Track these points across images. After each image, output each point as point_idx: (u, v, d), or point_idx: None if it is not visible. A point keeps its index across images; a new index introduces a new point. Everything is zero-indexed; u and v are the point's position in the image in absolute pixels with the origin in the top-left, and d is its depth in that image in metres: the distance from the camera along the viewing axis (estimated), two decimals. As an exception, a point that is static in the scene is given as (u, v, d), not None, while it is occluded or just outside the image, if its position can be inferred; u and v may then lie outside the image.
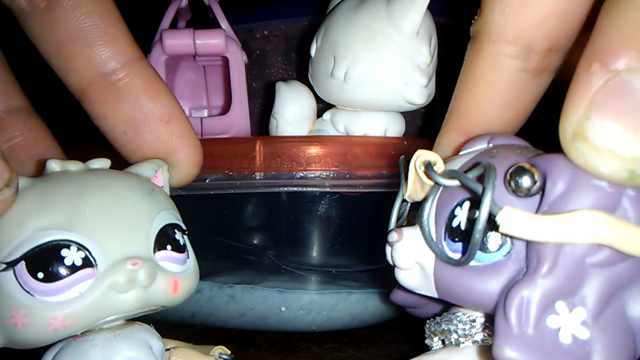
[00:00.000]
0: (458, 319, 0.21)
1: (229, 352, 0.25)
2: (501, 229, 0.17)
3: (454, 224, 0.19)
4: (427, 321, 0.22)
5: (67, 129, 0.28)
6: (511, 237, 0.18)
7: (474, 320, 0.20)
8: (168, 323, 0.36)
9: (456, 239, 0.19)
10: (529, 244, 0.17)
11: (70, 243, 0.19)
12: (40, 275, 0.19)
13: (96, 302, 0.19)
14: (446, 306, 0.22)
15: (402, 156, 0.22)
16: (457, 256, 0.19)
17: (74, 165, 0.21)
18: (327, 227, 0.36)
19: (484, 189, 0.17)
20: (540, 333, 0.17)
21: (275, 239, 0.38)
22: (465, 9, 0.23)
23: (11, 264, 0.19)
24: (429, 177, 0.19)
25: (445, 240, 0.19)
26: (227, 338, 0.36)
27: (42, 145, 0.25)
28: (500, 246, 0.18)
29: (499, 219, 0.17)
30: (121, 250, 0.20)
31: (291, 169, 0.30)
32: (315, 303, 0.35)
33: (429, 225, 0.20)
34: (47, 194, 0.20)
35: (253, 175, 0.30)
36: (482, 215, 0.17)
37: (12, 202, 0.19)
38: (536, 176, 0.17)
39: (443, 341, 0.21)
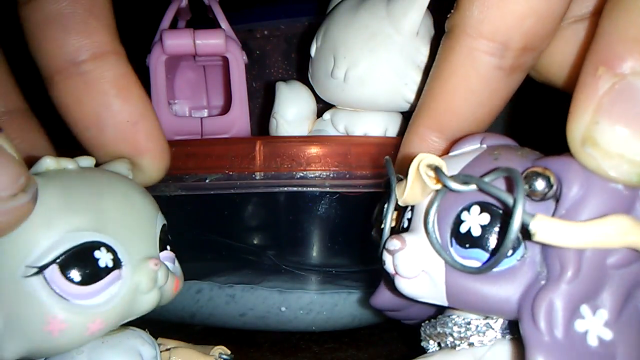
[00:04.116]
0: (453, 321, 0.20)
1: (229, 352, 0.25)
2: (536, 238, 0.17)
3: (462, 229, 0.19)
4: (423, 324, 0.22)
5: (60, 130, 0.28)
6: (537, 242, 0.17)
7: (469, 323, 0.20)
8: (168, 323, 0.36)
9: (467, 245, 0.19)
10: (545, 248, 0.17)
11: (101, 244, 0.19)
12: (77, 278, 0.18)
13: (124, 303, 0.19)
14: (439, 309, 0.22)
15: (387, 157, 0.22)
16: (470, 263, 0.18)
17: (70, 163, 0.21)
18: (327, 227, 0.36)
19: (515, 199, 0.17)
20: (570, 338, 0.17)
21: (275, 239, 0.38)
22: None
23: (42, 268, 0.18)
24: (439, 181, 0.19)
25: (452, 246, 0.19)
26: (227, 338, 0.36)
27: (38, 147, 0.25)
28: (514, 251, 0.18)
29: (532, 227, 0.16)
30: (141, 250, 0.20)
31: (291, 169, 0.30)
32: (315, 303, 0.35)
33: (435, 232, 0.19)
34: (69, 193, 0.19)
35: (253, 175, 0.30)
36: (515, 225, 0.17)
37: (30, 210, 0.18)
38: (552, 180, 0.17)
39: (439, 343, 0.21)
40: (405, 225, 0.21)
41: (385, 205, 0.21)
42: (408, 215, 0.21)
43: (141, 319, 0.21)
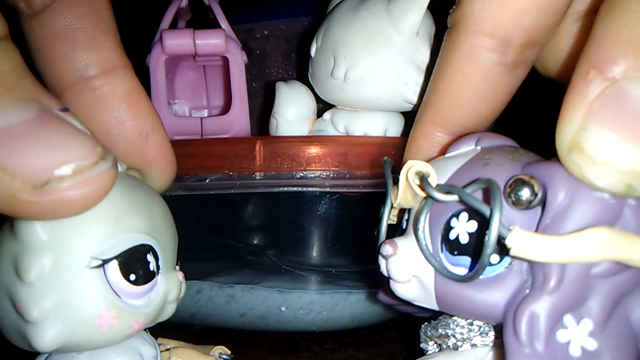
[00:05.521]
0: (455, 323, 0.20)
1: (229, 352, 0.25)
2: (512, 252, 0.16)
3: (452, 236, 0.19)
4: (423, 325, 0.22)
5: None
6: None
7: (471, 324, 0.20)
8: (168, 323, 0.36)
9: (456, 252, 0.19)
10: None
11: (151, 249, 0.19)
12: (132, 277, 0.19)
13: (157, 309, 0.20)
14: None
15: (386, 158, 0.22)
16: (458, 270, 0.19)
17: (120, 167, 0.21)
18: (327, 227, 0.36)
19: (491, 212, 0.16)
20: (551, 349, 0.16)
21: (275, 239, 0.38)
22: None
23: (105, 262, 0.18)
24: (423, 190, 0.19)
25: (442, 252, 0.19)
26: (227, 338, 0.36)
27: None
28: (502, 258, 0.18)
29: (509, 242, 0.16)
30: (171, 261, 0.21)
31: (291, 169, 0.30)
32: (315, 303, 0.35)
33: (425, 238, 0.19)
34: (132, 195, 0.20)
35: (253, 175, 0.30)
36: (492, 237, 0.16)
37: (114, 178, 0.18)
38: (536, 188, 0.17)
39: (439, 345, 0.21)
40: (404, 226, 0.21)
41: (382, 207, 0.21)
42: (407, 216, 0.21)
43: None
